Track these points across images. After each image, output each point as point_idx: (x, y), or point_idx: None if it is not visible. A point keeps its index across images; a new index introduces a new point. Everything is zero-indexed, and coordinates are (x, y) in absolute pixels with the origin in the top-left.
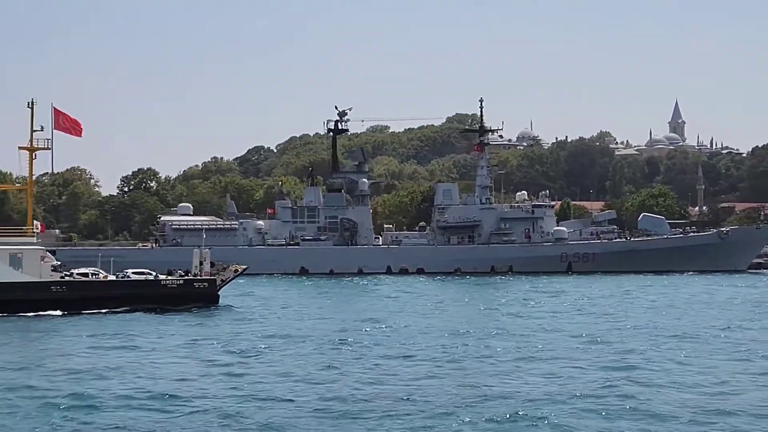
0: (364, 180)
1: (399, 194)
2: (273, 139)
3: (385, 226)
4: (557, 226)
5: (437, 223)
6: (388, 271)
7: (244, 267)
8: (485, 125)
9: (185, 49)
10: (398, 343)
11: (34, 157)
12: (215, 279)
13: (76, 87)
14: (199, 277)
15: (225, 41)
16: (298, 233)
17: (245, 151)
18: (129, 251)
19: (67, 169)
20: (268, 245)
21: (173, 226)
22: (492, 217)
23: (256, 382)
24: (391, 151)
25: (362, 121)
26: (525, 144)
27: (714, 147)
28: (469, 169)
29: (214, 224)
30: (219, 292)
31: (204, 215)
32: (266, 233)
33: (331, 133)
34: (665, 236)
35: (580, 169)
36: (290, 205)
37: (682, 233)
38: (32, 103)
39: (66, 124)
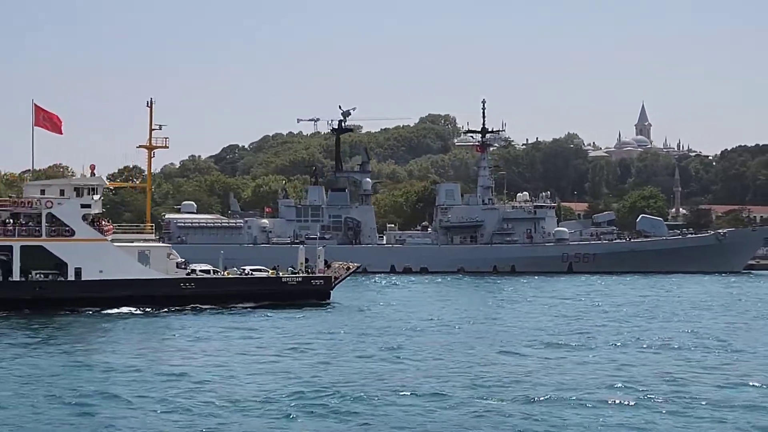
0: (368, 180)
1: (394, 194)
2: (246, 137)
3: (388, 225)
4: (558, 226)
5: (440, 223)
6: (392, 270)
7: (357, 265)
8: (486, 126)
9: (159, 48)
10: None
11: (152, 155)
12: (330, 277)
13: (52, 84)
14: (316, 275)
15: (197, 41)
16: (302, 232)
17: (220, 150)
18: None
19: (49, 166)
20: (273, 244)
21: (178, 224)
22: (494, 218)
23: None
24: (368, 151)
25: (330, 120)
26: (496, 145)
27: (680, 149)
28: (446, 169)
29: (219, 222)
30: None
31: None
32: (270, 232)
33: (334, 133)
34: (664, 237)
35: (554, 171)
36: (294, 204)
37: (680, 235)
38: (151, 102)
39: (47, 120)
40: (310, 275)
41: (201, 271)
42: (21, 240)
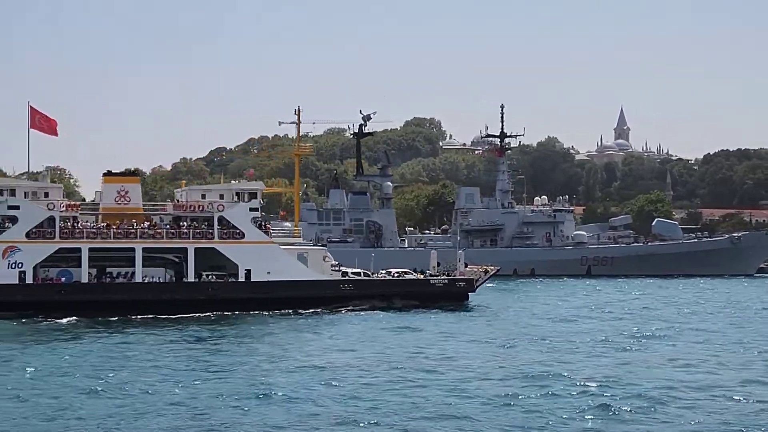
0: (388, 183)
1: (405, 197)
2: (226, 140)
3: (408, 228)
4: (576, 230)
5: (460, 226)
6: None
7: (497, 268)
8: (505, 131)
9: (139, 49)
10: None
11: (300, 161)
12: (472, 279)
13: (40, 87)
14: (460, 277)
15: (179, 42)
16: (323, 235)
17: (207, 152)
18: None
19: (46, 168)
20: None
21: None
22: (514, 221)
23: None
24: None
25: (314, 123)
26: (481, 149)
27: (660, 153)
28: (437, 172)
29: None
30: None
31: None
32: None
33: (355, 137)
34: (680, 241)
35: (542, 174)
36: (316, 208)
37: (695, 238)
38: (299, 110)
39: (42, 123)
40: (456, 278)
41: (353, 273)
42: (195, 242)
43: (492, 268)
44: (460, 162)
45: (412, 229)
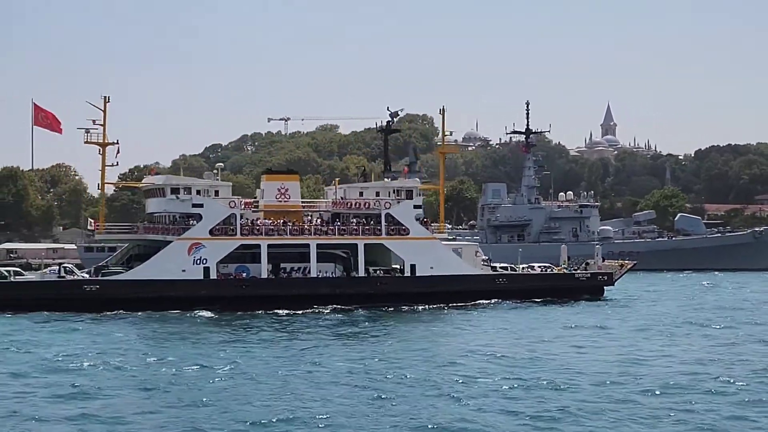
0: (416, 179)
1: (424, 193)
2: (216, 137)
3: (432, 224)
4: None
5: (488, 222)
6: None
7: (634, 263)
8: (530, 128)
9: (137, 49)
10: None
11: (443, 159)
12: (611, 273)
13: (42, 86)
14: (601, 271)
15: (172, 43)
16: None
17: (203, 149)
18: None
19: (52, 166)
20: None
21: None
22: (541, 217)
23: None
24: (356, 150)
25: (302, 120)
26: (473, 145)
27: (648, 149)
28: (437, 169)
29: None
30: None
31: None
32: None
33: (382, 133)
34: (704, 236)
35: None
36: None
37: (719, 233)
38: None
39: (46, 120)
40: (597, 272)
41: (500, 267)
42: (364, 239)
43: (628, 262)
44: (458, 158)
45: (435, 225)
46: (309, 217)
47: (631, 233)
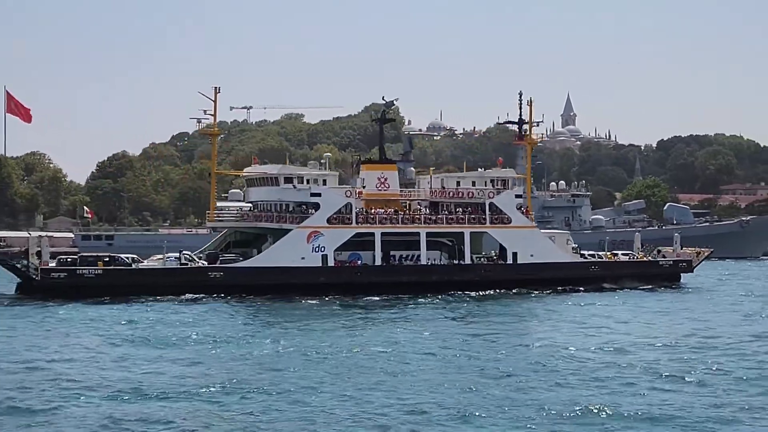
0: (411, 169)
1: None
2: (190, 124)
3: None
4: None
5: None
6: None
7: (711, 250)
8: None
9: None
10: None
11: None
12: (691, 260)
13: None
14: (682, 259)
15: (139, 29)
16: None
17: (170, 137)
18: (186, 236)
19: (26, 154)
20: None
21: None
22: (535, 206)
23: None
24: (325, 139)
25: (264, 109)
26: (438, 135)
27: (608, 140)
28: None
29: None
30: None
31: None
32: None
33: (377, 123)
34: (693, 224)
35: (507, 159)
36: None
37: (707, 223)
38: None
39: (17, 109)
40: (678, 259)
41: (588, 255)
42: (470, 227)
43: (705, 250)
44: (427, 147)
45: None
46: (406, 206)
47: (622, 222)
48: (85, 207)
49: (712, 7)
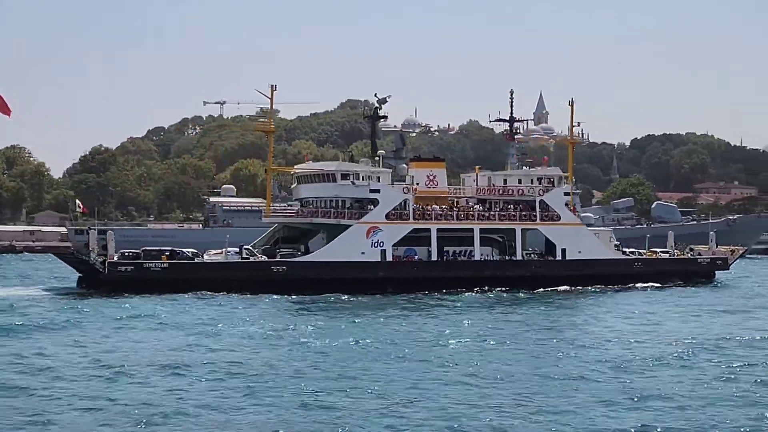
0: (404, 165)
1: None
2: (165, 119)
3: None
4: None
5: None
6: None
7: (746, 248)
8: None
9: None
10: None
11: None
12: (727, 257)
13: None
14: (716, 256)
15: (112, 29)
16: None
17: (146, 132)
18: (179, 231)
19: (6, 147)
20: None
21: (224, 208)
22: None
23: None
24: (303, 135)
25: (238, 104)
26: (414, 132)
27: (581, 137)
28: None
29: (264, 206)
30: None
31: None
32: None
33: (370, 120)
34: (681, 223)
35: (484, 157)
36: None
37: (694, 221)
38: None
39: None
40: (714, 256)
41: (630, 252)
42: (522, 224)
43: (739, 248)
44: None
45: None
46: (453, 202)
47: (611, 220)
48: (78, 201)
49: (712, 7)
